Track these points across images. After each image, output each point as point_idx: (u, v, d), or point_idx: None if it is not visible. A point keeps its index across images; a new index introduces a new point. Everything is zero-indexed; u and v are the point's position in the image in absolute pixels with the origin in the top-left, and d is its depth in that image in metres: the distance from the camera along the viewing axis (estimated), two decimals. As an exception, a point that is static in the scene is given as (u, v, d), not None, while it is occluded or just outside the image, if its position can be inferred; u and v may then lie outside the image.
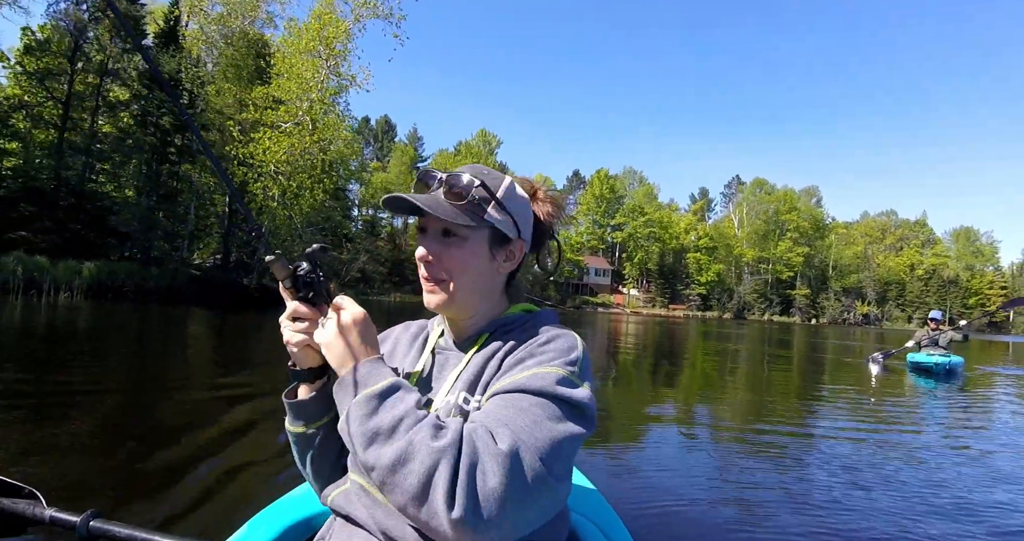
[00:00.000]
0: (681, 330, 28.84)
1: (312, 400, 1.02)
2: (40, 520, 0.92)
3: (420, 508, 0.74)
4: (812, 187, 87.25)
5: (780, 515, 2.96)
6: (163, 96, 21.55)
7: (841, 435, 5.11)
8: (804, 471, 3.87)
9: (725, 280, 75.83)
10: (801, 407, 6.66)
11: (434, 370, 1.07)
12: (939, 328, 12.24)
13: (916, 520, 3.07)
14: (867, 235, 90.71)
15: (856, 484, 3.60)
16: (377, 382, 0.84)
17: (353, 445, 0.81)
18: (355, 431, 0.80)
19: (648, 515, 2.86)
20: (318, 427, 1.03)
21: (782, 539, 2.68)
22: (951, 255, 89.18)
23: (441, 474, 0.74)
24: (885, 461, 4.27)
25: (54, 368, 6.11)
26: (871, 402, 7.45)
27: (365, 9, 22.61)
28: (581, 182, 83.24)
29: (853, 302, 79.94)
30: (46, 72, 21.68)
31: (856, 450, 4.57)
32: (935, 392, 8.95)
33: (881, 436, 5.28)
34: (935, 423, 6.25)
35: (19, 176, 19.79)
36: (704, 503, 3.09)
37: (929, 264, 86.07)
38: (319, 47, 22.00)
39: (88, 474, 3.19)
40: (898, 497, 3.43)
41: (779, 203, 78.12)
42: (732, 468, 3.82)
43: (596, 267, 71.01)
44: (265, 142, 20.90)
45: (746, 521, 2.85)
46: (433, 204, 0.95)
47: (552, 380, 0.88)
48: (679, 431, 5.02)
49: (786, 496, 3.28)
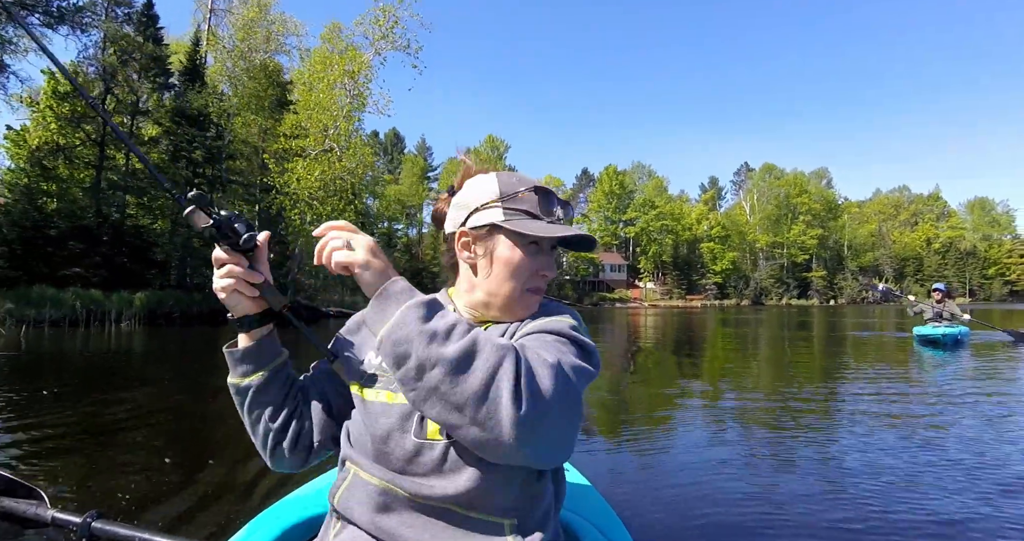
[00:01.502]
0: (698, 320, 29.36)
1: (255, 347, 1.05)
2: (43, 521, 0.91)
3: (482, 405, 0.75)
4: (822, 169, 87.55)
5: (785, 511, 2.86)
6: (193, 131, 22.86)
7: (854, 426, 4.70)
8: (813, 465, 3.63)
9: (740, 267, 76.12)
10: (813, 396, 6.17)
11: None
12: (943, 300, 12.45)
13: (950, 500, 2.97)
14: (881, 212, 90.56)
15: (871, 476, 3.36)
16: (420, 294, 0.86)
17: (407, 348, 0.79)
18: (413, 331, 0.79)
19: (647, 514, 2.84)
20: (261, 377, 1.05)
21: (788, 535, 2.60)
22: (967, 227, 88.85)
23: (505, 371, 0.76)
24: (901, 444, 4.08)
25: (142, 385, 7.02)
26: (883, 379, 7.28)
27: (384, 41, 24.00)
28: (590, 180, 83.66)
29: (870, 281, 79.81)
30: (81, 116, 23.04)
31: (867, 436, 4.31)
32: (945, 363, 9.06)
33: (898, 412, 5.20)
34: (954, 396, 6.11)
35: (65, 216, 21.12)
36: (705, 500, 3.01)
37: (945, 237, 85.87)
38: (345, 79, 23.34)
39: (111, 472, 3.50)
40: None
41: (789, 187, 78.38)
42: (734, 464, 3.67)
43: (611, 263, 71.57)
44: (299, 171, 22.24)
45: (748, 519, 2.78)
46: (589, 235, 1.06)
47: (566, 325, 0.99)
48: (680, 426, 4.80)
49: (792, 491, 3.14)
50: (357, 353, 1.11)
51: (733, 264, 74.54)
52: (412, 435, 0.96)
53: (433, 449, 0.94)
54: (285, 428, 1.09)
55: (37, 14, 20.69)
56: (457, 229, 1.08)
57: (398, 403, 0.99)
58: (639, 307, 59.30)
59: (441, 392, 0.77)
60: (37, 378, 7.36)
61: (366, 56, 23.96)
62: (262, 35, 26.02)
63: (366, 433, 1.01)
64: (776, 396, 6.17)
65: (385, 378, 1.03)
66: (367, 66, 23.74)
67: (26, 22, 2.57)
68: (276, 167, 23.56)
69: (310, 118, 23.30)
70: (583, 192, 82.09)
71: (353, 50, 23.90)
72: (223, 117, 24.76)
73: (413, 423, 0.96)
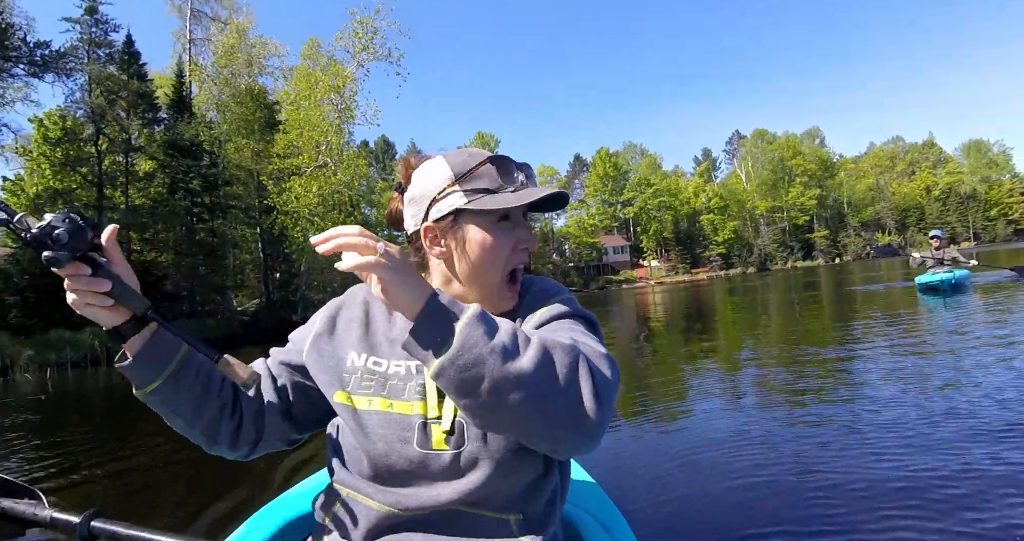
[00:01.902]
0: (706, 292, 29.59)
1: (145, 352, 0.91)
2: (41, 521, 0.90)
3: (569, 413, 0.73)
4: (813, 128, 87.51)
5: (791, 506, 2.75)
6: (188, 161, 23.27)
7: (868, 399, 4.38)
8: (826, 454, 3.37)
9: (743, 236, 76.31)
10: (821, 370, 5.76)
11: None
12: (941, 247, 12.41)
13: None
14: (877, 165, 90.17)
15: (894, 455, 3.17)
16: (466, 307, 0.75)
17: (479, 371, 0.70)
18: (483, 351, 0.70)
19: (649, 508, 2.80)
20: (164, 380, 0.93)
21: (793, 529, 2.50)
22: (965, 170, 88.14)
23: (582, 374, 0.74)
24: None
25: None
26: (885, 334, 7.28)
27: (366, 53, 24.45)
28: (583, 165, 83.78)
29: (873, 235, 79.86)
30: (76, 159, 23.43)
31: (886, 407, 4.06)
32: (946, 308, 9.24)
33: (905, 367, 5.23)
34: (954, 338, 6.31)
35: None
36: (708, 495, 2.94)
37: (944, 183, 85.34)
38: (331, 94, 23.80)
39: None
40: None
41: (783, 150, 78.32)
42: (741, 457, 3.51)
43: (613, 245, 71.97)
44: (297, 189, 22.68)
45: (752, 513, 2.70)
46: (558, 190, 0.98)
47: (576, 304, 0.99)
48: (681, 419, 4.55)
49: (797, 487, 2.96)
50: (334, 357, 1.02)
51: (735, 233, 74.75)
52: (415, 446, 0.90)
53: (440, 458, 0.90)
54: (215, 426, 0.99)
55: (22, 64, 21.06)
56: (421, 226, 1.00)
57: (395, 412, 0.93)
58: (646, 286, 59.58)
59: (524, 411, 0.72)
60: (69, 416, 7.77)
61: (349, 69, 24.37)
62: (243, 60, 26.38)
63: (359, 449, 0.94)
64: (785, 374, 5.80)
65: (375, 383, 0.97)
66: (351, 79, 24.14)
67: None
68: (274, 187, 23.98)
69: (301, 135, 23.69)
70: (577, 178, 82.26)
71: (336, 65, 24.28)
72: (215, 144, 25.14)
73: (415, 433, 0.91)
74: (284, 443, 1.08)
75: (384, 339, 1.02)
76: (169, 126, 24.99)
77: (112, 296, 0.86)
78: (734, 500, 2.85)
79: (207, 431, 1.00)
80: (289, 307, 25.61)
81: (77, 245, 0.80)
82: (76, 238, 0.80)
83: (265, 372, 1.07)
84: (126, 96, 24.15)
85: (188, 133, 23.74)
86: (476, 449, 0.89)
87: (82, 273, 0.82)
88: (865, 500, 2.70)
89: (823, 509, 2.64)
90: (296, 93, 24.83)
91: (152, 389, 0.93)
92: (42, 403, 9.61)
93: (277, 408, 1.04)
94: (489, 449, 0.89)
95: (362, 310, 1.07)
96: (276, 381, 1.06)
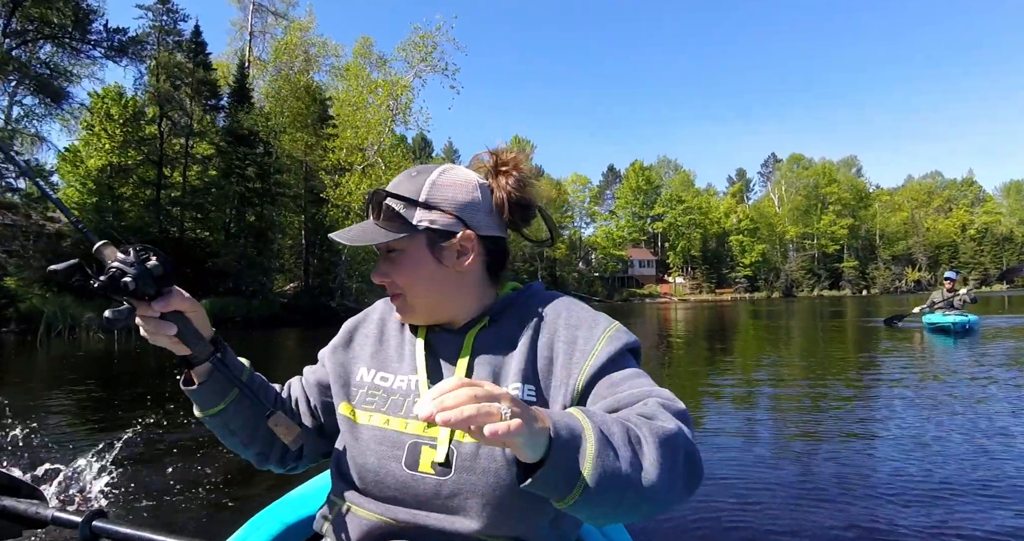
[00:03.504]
0: (729, 312, 30.00)
1: (210, 378, 0.96)
2: (42, 520, 0.90)
3: (692, 486, 0.74)
4: (851, 157, 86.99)
5: (790, 516, 2.85)
6: (244, 149, 24.65)
7: (873, 421, 4.78)
8: (824, 469, 3.57)
9: (770, 259, 76.16)
10: (833, 391, 6.19)
11: (434, 347, 1.01)
12: (954, 288, 12.81)
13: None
14: (913, 199, 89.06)
15: (900, 477, 3.37)
16: (577, 424, 0.68)
17: (612, 496, 0.66)
18: (612, 480, 0.65)
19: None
20: (232, 400, 0.98)
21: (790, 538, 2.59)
22: (1003, 211, 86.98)
23: (691, 457, 0.74)
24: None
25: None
26: (899, 370, 7.52)
27: (424, 64, 26.04)
28: (616, 176, 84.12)
29: (903, 269, 79.15)
30: (140, 139, 24.93)
31: (900, 435, 4.31)
32: (956, 349, 9.62)
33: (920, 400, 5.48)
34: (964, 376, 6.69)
35: (133, 232, 22.99)
36: (708, 506, 2.98)
37: (981, 222, 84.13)
38: (389, 101, 25.37)
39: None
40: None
41: (818, 177, 78.10)
42: (743, 463, 3.63)
43: (640, 259, 72.38)
44: (349, 185, 24.09)
45: (751, 520, 2.78)
46: (353, 233, 0.96)
47: (624, 336, 0.95)
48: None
49: (798, 496, 3.14)
50: (345, 370, 1.06)
51: (763, 256, 74.60)
52: (403, 465, 0.91)
53: (424, 482, 0.89)
54: (267, 447, 1.06)
55: (101, 48, 22.57)
56: (469, 232, 0.99)
57: (392, 429, 0.94)
58: (669, 302, 59.95)
59: (638, 512, 0.71)
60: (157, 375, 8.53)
61: (407, 78, 25.99)
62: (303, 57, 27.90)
63: (354, 461, 0.96)
64: (796, 391, 6.30)
65: (378, 398, 0.98)
66: (408, 88, 25.60)
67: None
68: (330, 181, 25.43)
69: (356, 135, 25.14)
70: (610, 188, 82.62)
71: (394, 75, 26.18)
72: (271, 135, 26.56)
73: (404, 452, 0.91)
74: (323, 457, 1.14)
75: (395, 354, 1.04)
76: (229, 114, 26.45)
77: (179, 338, 0.89)
78: (733, 513, 2.93)
79: (261, 451, 1.06)
80: (327, 293, 26.91)
81: (145, 290, 0.82)
82: (145, 284, 0.82)
83: (300, 392, 1.11)
84: (191, 83, 25.62)
85: (247, 123, 25.15)
86: (462, 480, 0.87)
87: (151, 315, 0.86)
88: (865, 529, 2.75)
89: (822, 529, 2.72)
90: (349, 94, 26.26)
91: (214, 413, 0.99)
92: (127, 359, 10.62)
93: (312, 429, 1.08)
94: (476, 484, 0.86)
95: (377, 327, 1.09)
96: (309, 402, 1.10)
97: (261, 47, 33.88)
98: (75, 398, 6.79)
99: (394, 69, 26.50)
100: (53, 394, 6.91)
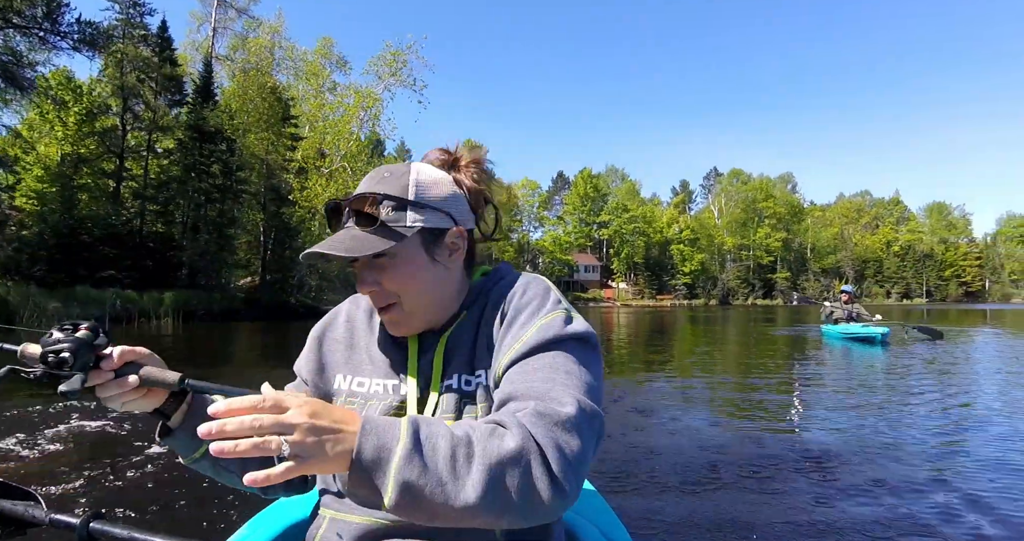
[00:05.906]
0: (669, 318, 31.56)
1: (188, 422, 0.92)
2: (39, 522, 0.86)
3: (536, 511, 0.70)
4: (787, 174, 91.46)
5: (784, 512, 2.94)
6: (210, 146, 25.23)
7: (846, 425, 5.03)
8: (812, 462, 3.81)
9: (709, 269, 79.08)
10: (789, 394, 6.63)
11: (420, 349, 0.98)
12: (851, 300, 13.67)
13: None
14: (843, 216, 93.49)
15: (878, 479, 3.51)
16: (393, 438, 0.67)
17: (421, 514, 0.67)
18: (420, 493, 0.65)
19: (648, 515, 2.86)
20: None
21: (788, 533, 2.67)
22: (925, 230, 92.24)
23: (537, 469, 0.69)
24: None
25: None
26: (854, 380, 7.76)
27: (393, 79, 27.39)
28: (566, 183, 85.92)
29: (832, 281, 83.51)
30: (104, 132, 25.18)
31: (864, 439, 4.54)
32: (895, 358, 10.10)
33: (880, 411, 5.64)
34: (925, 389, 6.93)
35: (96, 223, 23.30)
36: (705, 501, 3.08)
37: (904, 240, 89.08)
38: (359, 112, 26.69)
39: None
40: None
41: (756, 191, 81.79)
42: (734, 463, 3.77)
43: (585, 264, 74.38)
44: (316, 188, 25.00)
45: (747, 518, 2.85)
46: (346, 244, 0.88)
47: (559, 324, 0.88)
48: (677, 426, 4.93)
49: (794, 492, 3.24)
50: (323, 379, 1.03)
51: (702, 265, 77.47)
52: None
53: None
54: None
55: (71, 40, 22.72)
56: (462, 228, 0.99)
57: None
58: (612, 306, 61.77)
59: (484, 524, 0.69)
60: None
61: (377, 91, 27.78)
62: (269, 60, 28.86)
63: None
64: (728, 389, 6.93)
65: (356, 405, 0.96)
66: (379, 100, 27.02)
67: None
68: (296, 184, 26.47)
69: (314, 130, 26.21)
70: (559, 194, 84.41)
71: (369, 90, 27.79)
72: (235, 132, 27.22)
73: None
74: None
75: (366, 358, 1.01)
76: (192, 109, 26.84)
77: (144, 385, 0.85)
78: (731, 508, 2.99)
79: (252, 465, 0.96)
80: (283, 288, 27.80)
81: (87, 358, 0.80)
82: (84, 352, 0.80)
83: None
84: (156, 78, 25.93)
85: (213, 120, 25.75)
86: None
87: (106, 379, 0.82)
88: (856, 509, 2.95)
89: (821, 521, 2.83)
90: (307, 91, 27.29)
91: (201, 453, 0.94)
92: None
93: None
94: None
95: (346, 330, 1.06)
96: None
97: (221, 41, 34.23)
98: (59, 398, 7.37)
99: (364, 82, 28.21)
100: (33, 391, 6.02)
